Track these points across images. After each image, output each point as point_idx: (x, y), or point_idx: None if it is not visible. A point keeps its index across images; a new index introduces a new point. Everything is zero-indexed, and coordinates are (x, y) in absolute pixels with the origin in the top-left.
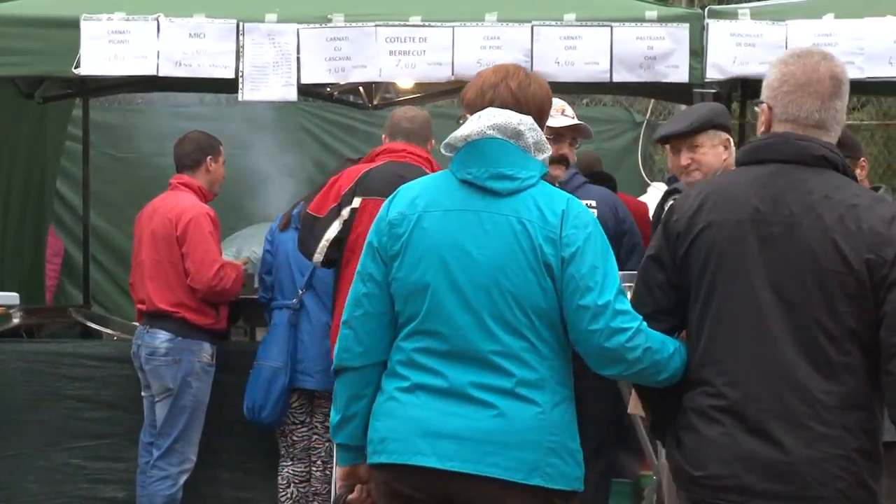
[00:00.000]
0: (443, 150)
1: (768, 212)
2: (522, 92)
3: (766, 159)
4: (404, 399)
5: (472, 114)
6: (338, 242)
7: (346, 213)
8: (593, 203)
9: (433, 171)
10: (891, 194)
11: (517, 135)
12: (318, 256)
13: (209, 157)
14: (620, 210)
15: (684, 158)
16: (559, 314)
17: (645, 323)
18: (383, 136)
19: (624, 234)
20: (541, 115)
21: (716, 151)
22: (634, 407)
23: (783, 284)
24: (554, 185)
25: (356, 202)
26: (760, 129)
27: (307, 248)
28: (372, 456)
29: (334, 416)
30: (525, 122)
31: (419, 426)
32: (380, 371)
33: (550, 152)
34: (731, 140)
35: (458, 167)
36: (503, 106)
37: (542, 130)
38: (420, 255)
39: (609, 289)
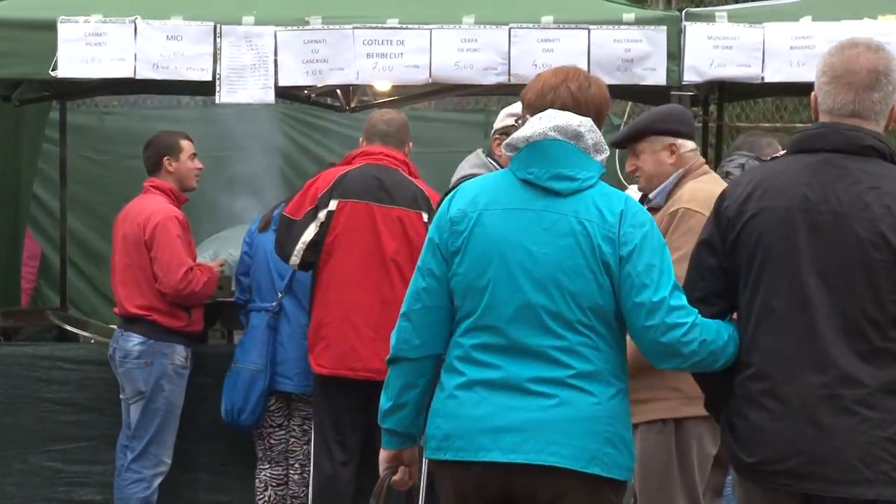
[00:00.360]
0: (503, 150)
1: (817, 200)
2: (582, 94)
3: (815, 148)
4: (464, 396)
5: (532, 115)
6: (314, 245)
7: (322, 215)
8: None
9: (410, 173)
10: None
11: (577, 136)
12: (295, 259)
13: (166, 158)
14: None
15: (629, 164)
16: (615, 310)
17: (700, 316)
18: (361, 139)
19: None
20: (599, 117)
21: (655, 158)
22: None
23: (829, 272)
24: None
25: (333, 205)
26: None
27: (284, 251)
28: (436, 452)
29: (385, 403)
30: (585, 123)
31: (482, 423)
32: (434, 363)
33: (608, 153)
34: (677, 144)
35: (518, 167)
36: (563, 108)
37: (601, 131)
38: (480, 253)
39: (664, 286)
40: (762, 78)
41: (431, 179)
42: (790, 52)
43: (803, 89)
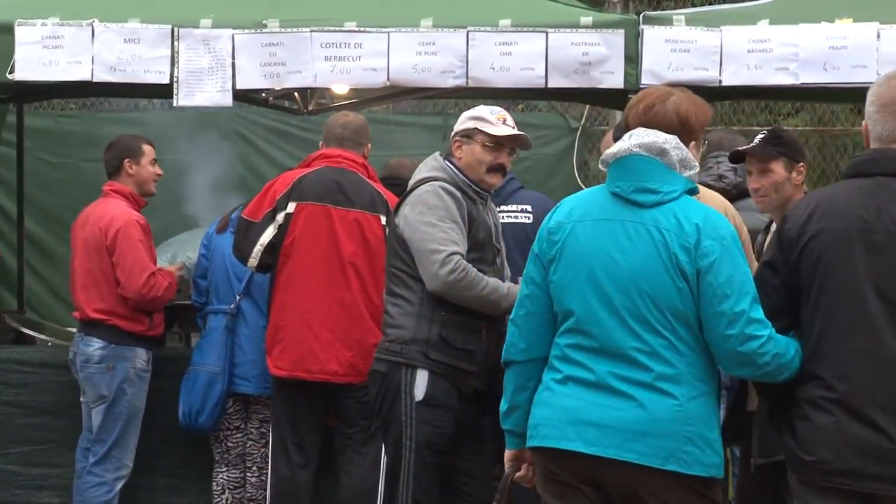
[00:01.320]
0: (599, 166)
1: (872, 220)
2: (646, 114)
3: (868, 173)
4: (557, 389)
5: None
6: (272, 247)
7: (280, 217)
8: (529, 207)
9: (369, 176)
10: None
11: (662, 153)
12: (253, 261)
13: (127, 161)
14: None
15: None
16: (696, 315)
17: (774, 330)
18: (321, 142)
19: None
20: (672, 133)
21: None
22: None
23: (887, 287)
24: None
25: (291, 207)
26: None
27: (241, 252)
28: (529, 440)
29: (503, 405)
30: (670, 141)
31: (568, 414)
32: (542, 366)
33: (697, 168)
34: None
35: (609, 181)
36: (636, 126)
37: (689, 148)
38: (572, 261)
39: (744, 297)
40: (720, 81)
41: None
42: (748, 55)
43: (761, 92)
